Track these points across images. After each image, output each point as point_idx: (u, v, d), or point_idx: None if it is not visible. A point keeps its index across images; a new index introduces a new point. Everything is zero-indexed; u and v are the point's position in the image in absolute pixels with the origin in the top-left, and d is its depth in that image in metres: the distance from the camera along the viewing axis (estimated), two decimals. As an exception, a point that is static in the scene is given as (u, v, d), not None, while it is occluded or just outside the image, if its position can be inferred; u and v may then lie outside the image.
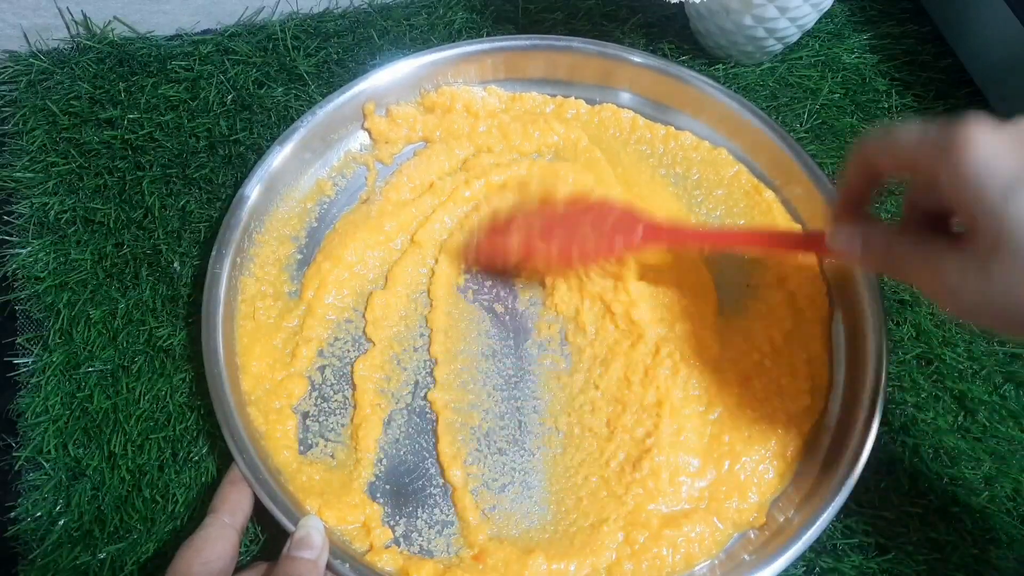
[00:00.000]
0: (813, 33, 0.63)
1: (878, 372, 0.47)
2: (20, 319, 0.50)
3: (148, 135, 0.56)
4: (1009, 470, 0.48)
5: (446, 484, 0.47)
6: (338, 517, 0.44)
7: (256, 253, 0.52)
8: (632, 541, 0.44)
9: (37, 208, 0.53)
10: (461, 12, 0.63)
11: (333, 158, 0.57)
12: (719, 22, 0.58)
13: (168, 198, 0.54)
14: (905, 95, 0.62)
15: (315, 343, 0.50)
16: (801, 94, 0.61)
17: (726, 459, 0.47)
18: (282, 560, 0.40)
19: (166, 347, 0.49)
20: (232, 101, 0.58)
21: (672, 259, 0.53)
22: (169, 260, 0.52)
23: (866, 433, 0.45)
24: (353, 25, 0.62)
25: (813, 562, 0.45)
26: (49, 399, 0.47)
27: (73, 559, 0.43)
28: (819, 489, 0.45)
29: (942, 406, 0.50)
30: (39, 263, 0.51)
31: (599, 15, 0.64)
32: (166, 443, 0.47)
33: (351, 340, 0.51)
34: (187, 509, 0.45)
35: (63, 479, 0.45)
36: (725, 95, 0.56)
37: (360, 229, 0.53)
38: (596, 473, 0.47)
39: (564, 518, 0.46)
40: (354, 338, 0.51)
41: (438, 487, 0.47)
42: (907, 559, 0.45)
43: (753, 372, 0.49)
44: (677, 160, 0.57)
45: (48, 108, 0.56)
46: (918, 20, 0.66)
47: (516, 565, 0.43)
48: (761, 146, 0.56)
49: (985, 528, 0.46)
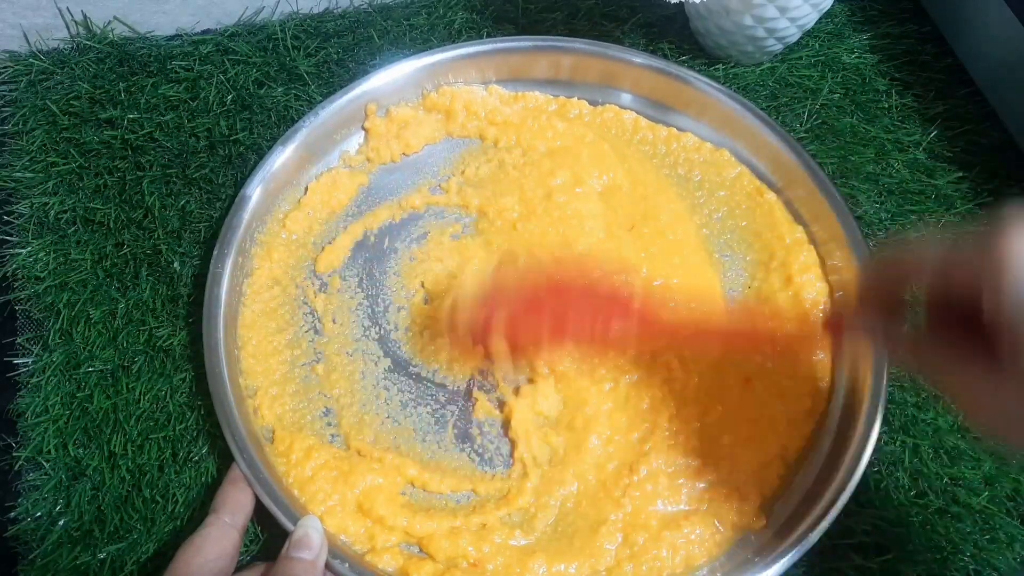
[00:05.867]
0: (813, 33, 0.63)
1: (878, 372, 0.47)
2: (20, 319, 0.50)
3: (148, 135, 0.56)
4: (1009, 470, 0.48)
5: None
6: (338, 525, 0.44)
7: (257, 253, 0.52)
8: (632, 543, 0.44)
9: (37, 208, 0.53)
10: (461, 12, 0.63)
11: (334, 158, 0.57)
12: (719, 22, 0.58)
13: (168, 198, 0.54)
14: (905, 95, 0.62)
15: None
16: (801, 94, 0.61)
17: (726, 461, 0.47)
18: (281, 560, 0.40)
19: (166, 347, 0.49)
20: (232, 101, 0.58)
21: (678, 262, 0.53)
22: (169, 260, 0.52)
23: (867, 434, 0.45)
24: (353, 25, 0.62)
25: (813, 562, 0.45)
26: (49, 399, 0.47)
27: (73, 559, 0.43)
28: (820, 490, 0.45)
29: (942, 406, 0.50)
30: (39, 263, 0.51)
31: (599, 15, 0.64)
32: (166, 443, 0.47)
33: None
34: (187, 509, 0.45)
35: (63, 479, 0.45)
36: (728, 97, 0.56)
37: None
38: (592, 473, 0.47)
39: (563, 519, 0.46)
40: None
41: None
42: (907, 559, 0.45)
43: (754, 374, 0.49)
44: (679, 161, 0.57)
45: (48, 108, 0.56)
46: (918, 20, 0.66)
47: (516, 567, 0.43)
48: (763, 148, 0.56)
49: (985, 528, 0.46)
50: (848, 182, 0.57)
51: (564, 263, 0.50)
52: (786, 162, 0.54)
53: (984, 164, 0.59)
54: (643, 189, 0.56)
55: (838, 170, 0.58)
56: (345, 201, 0.55)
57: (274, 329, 0.50)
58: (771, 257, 0.53)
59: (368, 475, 0.45)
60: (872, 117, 0.61)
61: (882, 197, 0.57)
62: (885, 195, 0.57)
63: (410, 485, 0.47)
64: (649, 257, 0.53)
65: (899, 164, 0.59)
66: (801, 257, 0.52)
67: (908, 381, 0.50)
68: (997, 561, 0.45)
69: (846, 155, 0.59)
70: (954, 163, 0.59)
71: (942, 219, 0.56)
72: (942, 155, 0.60)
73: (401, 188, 0.57)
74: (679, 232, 0.54)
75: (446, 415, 0.49)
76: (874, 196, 0.57)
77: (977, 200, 0.57)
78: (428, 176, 0.57)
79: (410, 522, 0.44)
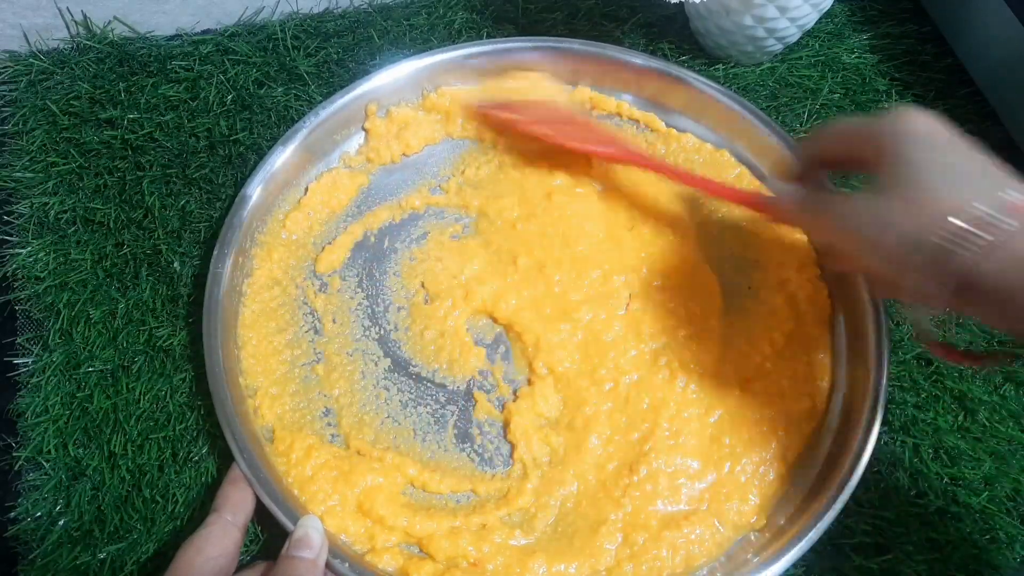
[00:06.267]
0: (813, 33, 0.63)
1: (878, 372, 0.47)
2: (20, 319, 0.50)
3: (148, 135, 0.56)
4: (1009, 470, 0.48)
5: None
6: (338, 525, 0.44)
7: (257, 253, 0.52)
8: (632, 543, 0.44)
9: (37, 208, 0.53)
10: (461, 12, 0.63)
11: (334, 158, 0.57)
12: (719, 22, 0.58)
13: (168, 198, 0.54)
14: (905, 95, 0.62)
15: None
16: (801, 94, 0.61)
17: (727, 461, 0.47)
18: (281, 560, 0.40)
19: (166, 347, 0.49)
20: (232, 101, 0.58)
21: (678, 263, 0.53)
22: (169, 260, 0.52)
23: (867, 434, 0.45)
24: (353, 25, 0.62)
25: (813, 562, 0.45)
26: (49, 399, 0.47)
27: (73, 559, 0.43)
28: (820, 490, 0.45)
29: (942, 406, 0.50)
30: (39, 263, 0.51)
31: (599, 15, 0.64)
32: (166, 443, 0.47)
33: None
34: (187, 509, 0.45)
35: (63, 479, 0.45)
36: (728, 97, 0.56)
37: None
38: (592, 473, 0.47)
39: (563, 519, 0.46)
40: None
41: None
42: (907, 559, 0.45)
43: (754, 374, 0.49)
44: (679, 162, 0.57)
45: (48, 108, 0.56)
46: (918, 20, 0.66)
47: (516, 567, 0.43)
48: (764, 149, 0.56)
49: (985, 528, 0.46)
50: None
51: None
52: (787, 163, 0.54)
53: (984, 164, 0.59)
54: (643, 189, 0.56)
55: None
56: (345, 201, 0.55)
57: (274, 329, 0.50)
58: (769, 258, 0.53)
59: (368, 475, 0.45)
60: (872, 117, 0.61)
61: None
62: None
63: (410, 485, 0.46)
64: (649, 257, 0.53)
65: (899, 164, 0.59)
66: (801, 257, 0.52)
67: (908, 381, 0.50)
68: (997, 561, 0.45)
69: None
70: (954, 163, 0.59)
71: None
72: (942, 155, 0.59)
73: (401, 188, 0.57)
74: (679, 232, 0.54)
75: (446, 415, 0.49)
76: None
77: (977, 200, 0.57)
78: (428, 177, 0.57)
79: (410, 522, 0.44)
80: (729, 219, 0.55)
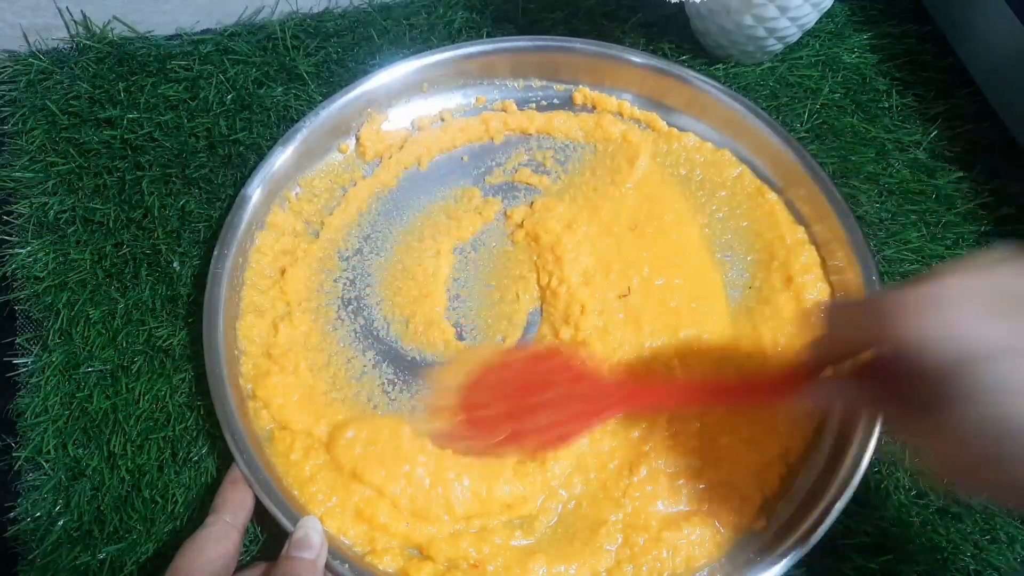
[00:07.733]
0: (813, 33, 0.63)
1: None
2: (20, 319, 0.50)
3: (148, 135, 0.56)
4: (1009, 470, 0.48)
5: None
6: (338, 526, 0.44)
7: (257, 253, 0.52)
8: (632, 543, 0.44)
9: (37, 208, 0.53)
10: (461, 12, 0.63)
11: (334, 159, 0.57)
12: (719, 21, 0.58)
13: (168, 198, 0.54)
14: (905, 95, 0.62)
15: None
16: (801, 94, 0.61)
17: (727, 461, 0.47)
18: (281, 560, 0.40)
19: (166, 347, 0.49)
20: (232, 101, 0.58)
21: (681, 261, 0.53)
22: (169, 260, 0.52)
23: (867, 434, 0.45)
24: (353, 25, 0.62)
25: (813, 562, 0.45)
26: (49, 399, 0.47)
27: (73, 559, 0.43)
28: (820, 490, 0.45)
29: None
30: (39, 263, 0.51)
31: (599, 14, 0.64)
32: (166, 443, 0.46)
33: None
34: (187, 509, 0.45)
35: (63, 479, 0.45)
36: (728, 96, 0.56)
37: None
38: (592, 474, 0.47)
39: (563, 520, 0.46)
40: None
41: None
42: (907, 559, 0.45)
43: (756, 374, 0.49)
44: (680, 161, 0.57)
45: (48, 108, 0.56)
46: (918, 20, 0.66)
47: (517, 568, 0.43)
48: (764, 148, 0.56)
49: (985, 528, 0.46)
50: (848, 182, 0.57)
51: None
52: (787, 162, 0.54)
53: (984, 164, 0.59)
54: (645, 189, 0.55)
55: (838, 170, 0.58)
56: (345, 202, 0.55)
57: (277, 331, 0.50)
58: (772, 257, 0.53)
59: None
60: (872, 117, 0.61)
61: (882, 197, 0.57)
62: (885, 195, 0.57)
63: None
64: (651, 257, 0.53)
65: (899, 164, 0.59)
66: (802, 257, 0.52)
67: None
68: (997, 561, 0.45)
69: (846, 155, 0.59)
70: (954, 163, 0.59)
71: (942, 219, 0.56)
72: (942, 155, 0.60)
73: (401, 189, 0.56)
74: (681, 232, 0.54)
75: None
76: (874, 196, 0.57)
77: (977, 200, 0.57)
78: (428, 177, 0.57)
79: (411, 526, 0.44)
80: (731, 219, 0.55)
